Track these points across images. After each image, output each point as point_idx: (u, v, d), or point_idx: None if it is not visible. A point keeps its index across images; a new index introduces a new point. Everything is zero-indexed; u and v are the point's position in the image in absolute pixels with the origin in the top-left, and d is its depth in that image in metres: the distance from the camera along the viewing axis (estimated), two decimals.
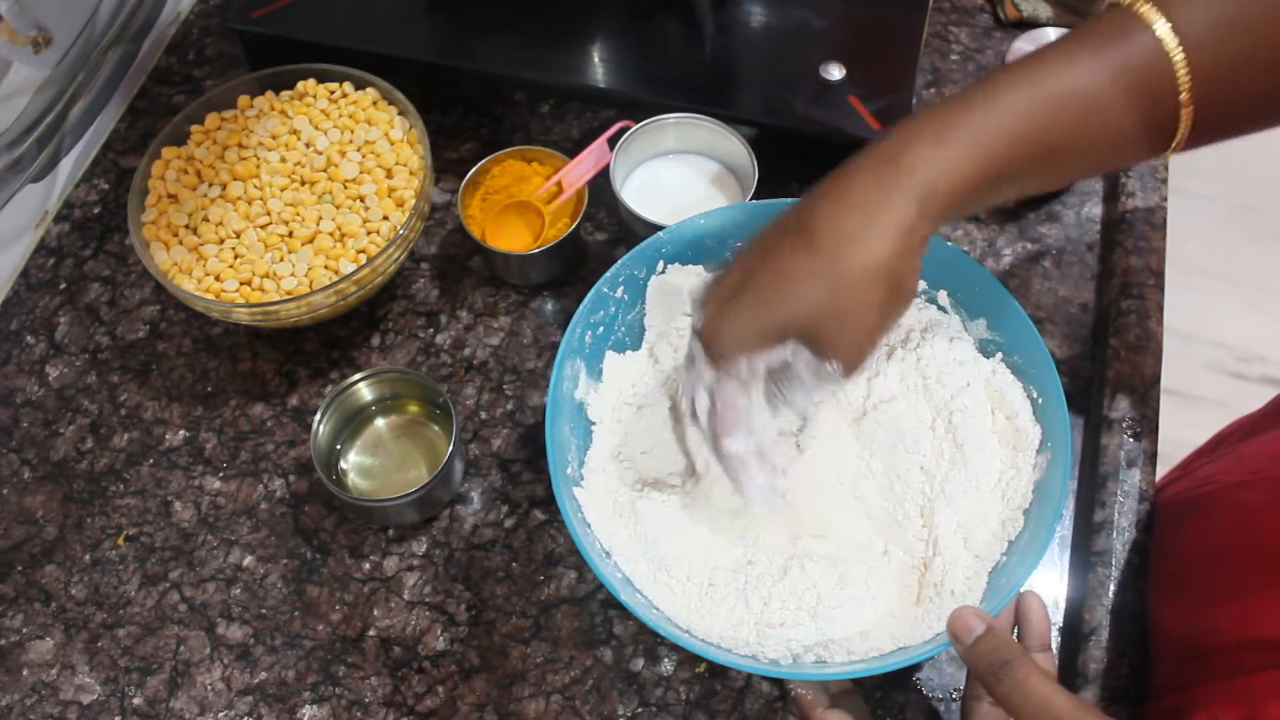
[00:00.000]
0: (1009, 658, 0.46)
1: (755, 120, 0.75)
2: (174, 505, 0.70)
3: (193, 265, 0.71)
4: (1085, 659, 0.61)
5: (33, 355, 0.76)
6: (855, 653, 0.55)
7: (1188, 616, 0.59)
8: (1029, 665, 0.45)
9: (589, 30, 0.81)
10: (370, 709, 0.63)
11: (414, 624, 0.65)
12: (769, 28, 0.80)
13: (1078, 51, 0.48)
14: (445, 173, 0.83)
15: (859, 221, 0.47)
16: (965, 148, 0.47)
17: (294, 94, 0.78)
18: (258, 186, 0.73)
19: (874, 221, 0.47)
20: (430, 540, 0.68)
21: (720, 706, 0.62)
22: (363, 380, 0.69)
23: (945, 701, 0.62)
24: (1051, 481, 0.57)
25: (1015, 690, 0.45)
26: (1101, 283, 0.76)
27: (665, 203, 0.75)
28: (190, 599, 0.67)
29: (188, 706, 0.63)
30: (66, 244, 0.81)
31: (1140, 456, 0.66)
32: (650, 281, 0.66)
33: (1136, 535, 0.64)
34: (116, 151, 0.86)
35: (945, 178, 0.47)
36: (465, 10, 0.82)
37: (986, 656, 0.46)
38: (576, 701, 0.63)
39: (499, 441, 0.71)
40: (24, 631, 0.66)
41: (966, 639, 0.48)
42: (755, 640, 0.55)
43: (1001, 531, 0.58)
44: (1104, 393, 0.70)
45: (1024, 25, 0.87)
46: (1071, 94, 0.47)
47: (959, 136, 0.47)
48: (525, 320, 0.76)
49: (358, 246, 0.71)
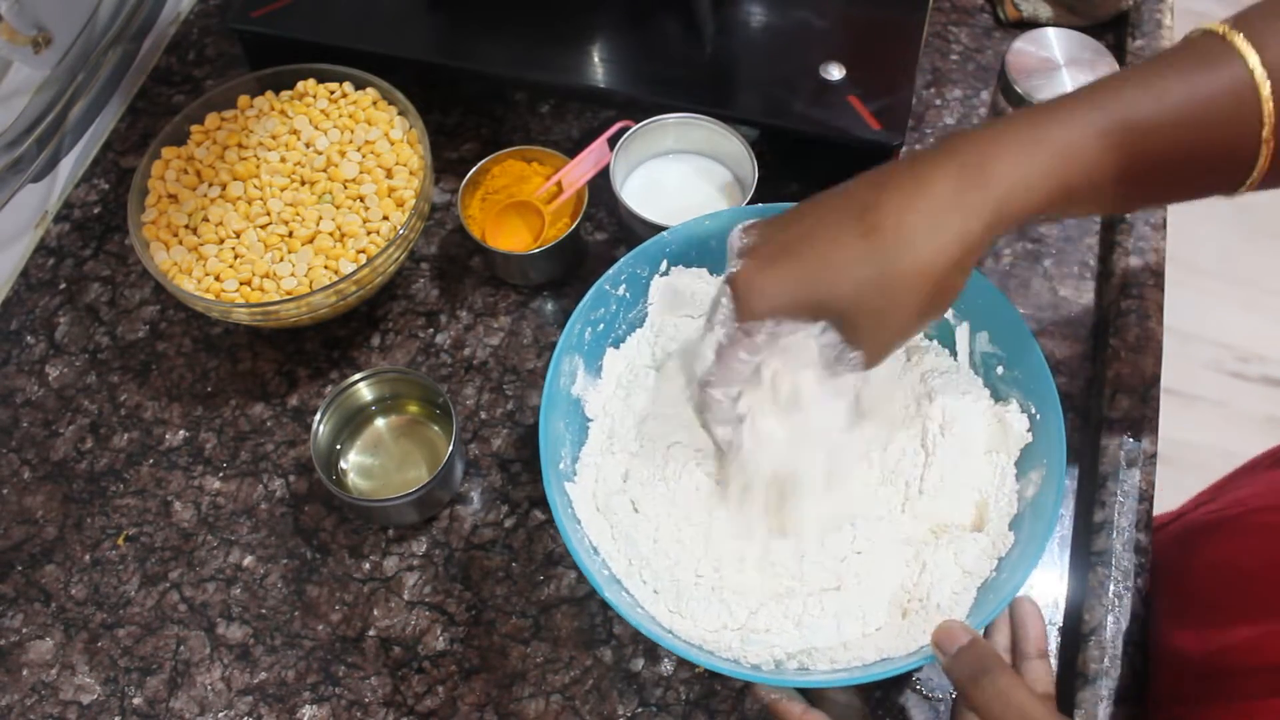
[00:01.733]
0: (989, 667, 0.46)
1: (755, 120, 0.75)
2: (174, 505, 0.70)
3: (193, 265, 0.71)
4: (1085, 659, 0.61)
5: (33, 355, 0.76)
6: (838, 661, 0.55)
7: (1199, 635, 0.59)
8: (1009, 675, 0.46)
9: (589, 30, 0.81)
10: (370, 709, 0.63)
11: (414, 624, 0.65)
12: (769, 28, 0.80)
13: (1167, 76, 0.47)
14: (445, 173, 0.83)
15: (928, 225, 0.47)
16: (1048, 166, 0.46)
17: (294, 94, 0.78)
18: (258, 186, 0.73)
19: (943, 229, 0.46)
20: (430, 540, 0.68)
21: (720, 706, 0.62)
22: (363, 380, 0.69)
23: (945, 702, 0.62)
24: (1044, 498, 0.57)
25: (995, 700, 0.45)
26: (1101, 283, 0.76)
27: (665, 203, 0.75)
28: (190, 599, 0.67)
29: (188, 706, 0.63)
30: (66, 244, 0.81)
31: (1140, 456, 0.66)
32: (654, 281, 0.66)
33: (1136, 535, 0.64)
34: (116, 151, 0.86)
35: (1022, 195, 0.46)
36: (465, 10, 0.82)
37: (968, 667, 0.47)
38: (576, 701, 0.63)
39: (499, 441, 0.71)
40: (24, 631, 0.66)
41: (950, 649, 0.48)
42: (738, 645, 0.55)
43: (992, 548, 0.58)
44: (1104, 393, 0.70)
45: (1024, 25, 0.87)
46: (1157, 119, 0.46)
47: (1043, 154, 0.46)
48: (525, 320, 0.76)
49: (358, 246, 0.71)
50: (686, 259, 0.67)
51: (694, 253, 0.66)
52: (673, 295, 0.67)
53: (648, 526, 0.60)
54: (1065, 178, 0.46)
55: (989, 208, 0.46)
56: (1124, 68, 0.49)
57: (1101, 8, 0.85)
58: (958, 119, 0.84)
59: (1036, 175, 0.46)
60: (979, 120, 0.84)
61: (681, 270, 0.67)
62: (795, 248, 0.49)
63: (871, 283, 0.47)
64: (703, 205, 0.74)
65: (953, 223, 0.46)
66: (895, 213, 0.47)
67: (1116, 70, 0.51)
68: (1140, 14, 0.85)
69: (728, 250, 0.52)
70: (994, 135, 0.48)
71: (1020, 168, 0.46)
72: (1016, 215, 0.47)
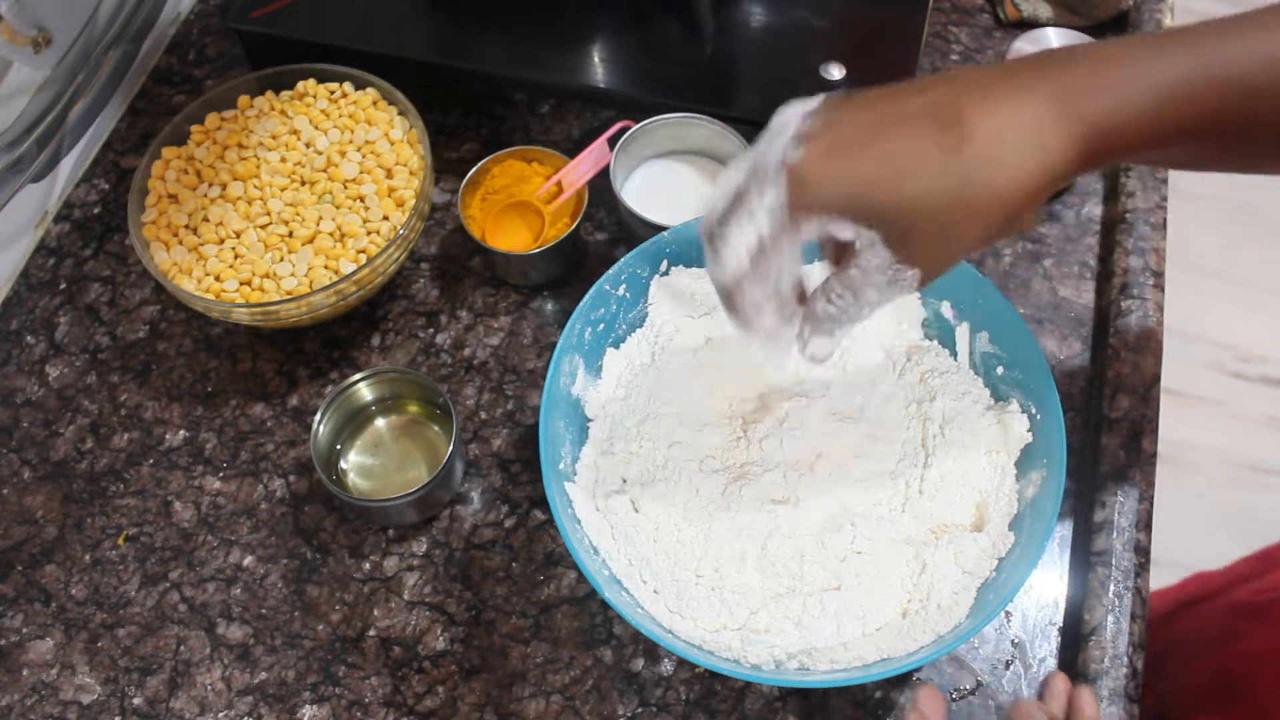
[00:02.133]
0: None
1: (755, 120, 0.75)
2: (174, 505, 0.70)
3: (193, 265, 0.71)
4: (1085, 659, 0.61)
5: (33, 355, 0.76)
6: (838, 661, 0.55)
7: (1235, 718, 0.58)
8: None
9: (589, 30, 0.81)
10: (370, 709, 0.63)
11: (414, 624, 0.65)
12: (769, 28, 0.80)
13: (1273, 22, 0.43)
14: (445, 173, 0.83)
15: (1019, 146, 0.43)
16: (1155, 106, 0.43)
17: (294, 94, 0.78)
18: (258, 186, 0.73)
19: (1029, 153, 0.43)
20: (430, 540, 0.68)
21: (720, 706, 0.62)
22: (363, 380, 0.69)
23: (945, 702, 0.62)
24: (1044, 498, 0.57)
25: None
26: (1101, 283, 0.76)
27: (665, 203, 0.75)
28: (190, 599, 0.67)
29: (188, 706, 0.63)
30: (66, 244, 0.81)
31: (1140, 456, 0.66)
32: (654, 281, 0.66)
33: (1136, 535, 0.64)
34: (116, 151, 0.86)
35: (1120, 132, 0.43)
36: (465, 10, 0.82)
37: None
38: (576, 701, 0.63)
39: (499, 441, 0.71)
40: (24, 631, 0.66)
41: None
42: (738, 645, 0.55)
43: (992, 548, 0.58)
44: (1104, 393, 0.70)
45: (1024, 25, 0.87)
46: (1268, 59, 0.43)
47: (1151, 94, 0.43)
48: (525, 320, 0.76)
49: (358, 246, 0.71)
50: (686, 259, 0.67)
51: (694, 253, 0.67)
52: (673, 295, 0.67)
53: (648, 526, 0.60)
54: (1165, 122, 0.43)
55: (1085, 138, 0.43)
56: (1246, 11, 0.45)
57: (1101, 8, 0.85)
58: None
59: (1138, 113, 0.43)
60: None
61: (681, 270, 0.67)
62: (866, 143, 0.44)
63: (944, 199, 0.43)
64: (702, 205, 0.74)
65: (1045, 147, 0.43)
66: (983, 125, 0.43)
67: None
68: (1140, 14, 0.85)
69: (776, 131, 0.46)
70: (1098, 62, 0.44)
71: (1126, 103, 0.43)
72: (1110, 151, 0.44)
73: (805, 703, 0.62)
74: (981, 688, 0.62)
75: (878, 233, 0.44)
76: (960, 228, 0.44)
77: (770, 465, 0.62)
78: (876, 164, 0.44)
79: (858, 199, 0.44)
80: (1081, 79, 0.43)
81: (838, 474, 0.62)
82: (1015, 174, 0.43)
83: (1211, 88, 0.43)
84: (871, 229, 0.45)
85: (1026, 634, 0.64)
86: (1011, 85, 0.43)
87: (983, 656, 0.63)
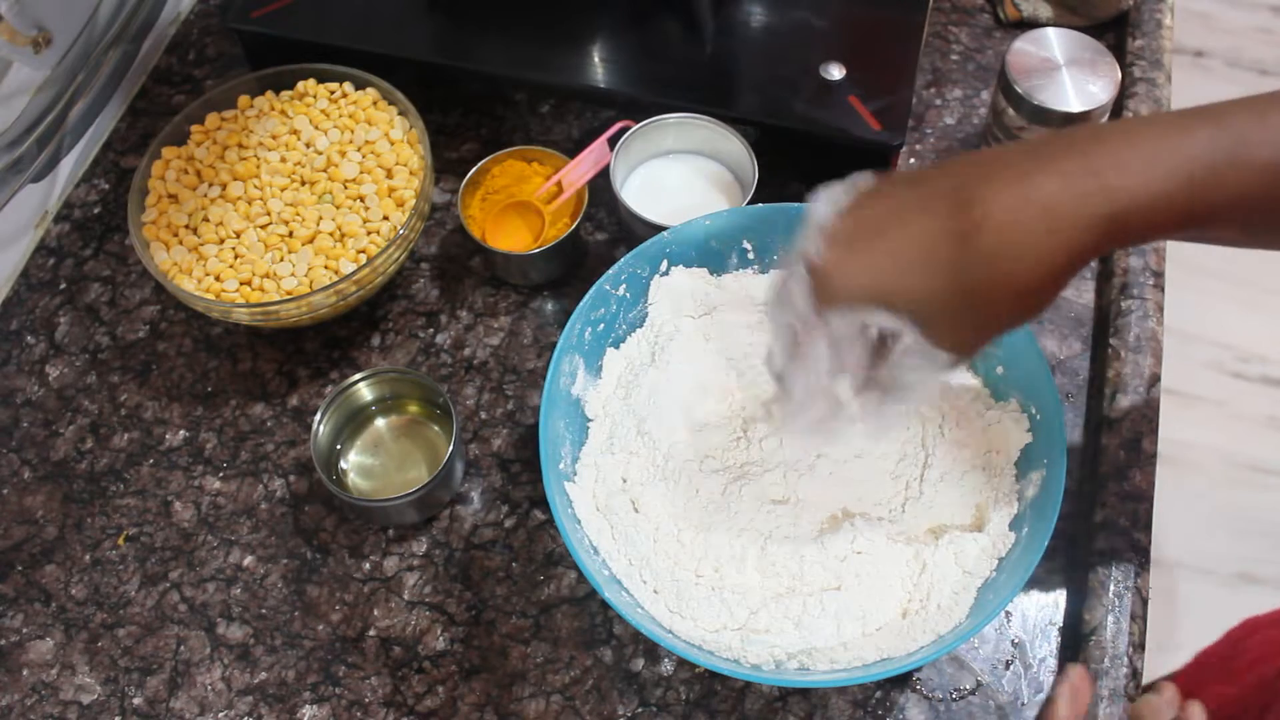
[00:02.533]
0: None
1: (755, 120, 0.75)
2: (174, 505, 0.70)
3: (193, 265, 0.71)
4: (1085, 659, 0.61)
5: (33, 355, 0.76)
6: (838, 661, 0.55)
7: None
8: None
9: (589, 30, 0.81)
10: (370, 709, 0.63)
11: (414, 624, 0.65)
12: (769, 28, 0.80)
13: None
14: (445, 173, 0.83)
15: (1035, 232, 0.41)
16: (1181, 186, 0.41)
17: (294, 94, 0.78)
18: (258, 186, 0.73)
19: (1049, 241, 0.41)
20: (430, 540, 0.68)
21: (720, 706, 0.62)
22: (363, 380, 0.69)
23: (945, 702, 0.62)
24: (1044, 498, 0.57)
25: None
26: (1101, 283, 0.76)
27: (665, 203, 0.75)
28: (190, 599, 0.67)
29: (188, 706, 0.63)
30: (66, 244, 0.81)
31: (1140, 456, 0.66)
32: (654, 281, 0.66)
33: (1136, 535, 0.64)
34: (116, 151, 0.86)
35: (1145, 213, 0.41)
36: (465, 10, 0.82)
37: None
38: (576, 701, 0.63)
39: (499, 441, 0.71)
40: (24, 631, 0.66)
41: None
42: (739, 645, 0.55)
43: (992, 548, 0.58)
44: (1104, 393, 0.70)
45: (1024, 25, 0.87)
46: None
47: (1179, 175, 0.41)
48: (525, 320, 0.76)
49: (358, 246, 0.71)
50: (686, 259, 0.67)
51: (694, 253, 0.67)
52: (673, 295, 0.67)
53: (648, 526, 0.60)
54: (1194, 204, 0.41)
55: (1105, 219, 0.41)
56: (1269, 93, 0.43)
57: (1101, 8, 0.85)
58: (958, 119, 0.84)
59: (1164, 194, 0.41)
60: (979, 121, 0.84)
61: (681, 270, 0.67)
62: (885, 234, 0.45)
63: (962, 289, 0.43)
64: (703, 205, 0.74)
65: (1061, 235, 0.41)
66: (1000, 213, 0.42)
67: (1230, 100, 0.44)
68: (1140, 14, 0.85)
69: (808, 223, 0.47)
70: (1123, 142, 0.42)
71: (1152, 184, 0.41)
72: (1133, 233, 0.42)
73: (805, 703, 0.62)
74: (981, 688, 0.62)
75: (905, 320, 0.45)
76: (981, 313, 0.44)
77: (770, 465, 0.62)
78: (892, 256, 0.44)
79: (877, 292, 0.45)
80: (1106, 159, 0.42)
81: (838, 474, 0.62)
82: (1030, 262, 0.42)
83: (1241, 169, 0.41)
84: (898, 317, 0.45)
85: (1026, 634, 0.64)
86: (1031, 166, 0.42)
87: (983, 656, 0.63)
